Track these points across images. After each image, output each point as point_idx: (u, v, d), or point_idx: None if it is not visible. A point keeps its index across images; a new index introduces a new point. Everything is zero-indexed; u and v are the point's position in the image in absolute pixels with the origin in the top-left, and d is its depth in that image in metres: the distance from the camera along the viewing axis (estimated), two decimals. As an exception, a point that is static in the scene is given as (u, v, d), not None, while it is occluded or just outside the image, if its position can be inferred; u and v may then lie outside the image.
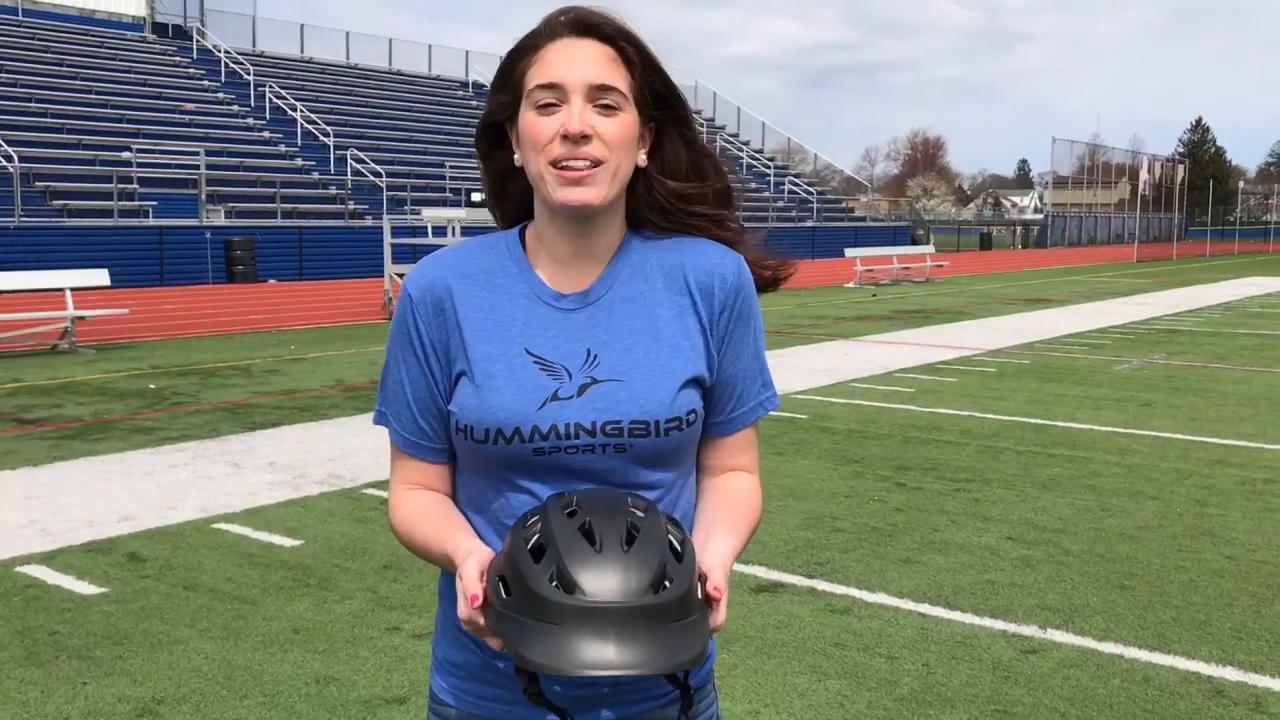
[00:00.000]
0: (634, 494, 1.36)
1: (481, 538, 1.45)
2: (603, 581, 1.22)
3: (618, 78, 1.42)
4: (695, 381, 1.47)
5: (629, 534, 1.26)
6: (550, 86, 1.40)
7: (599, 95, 1.40)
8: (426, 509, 1.49)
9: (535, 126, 1.41)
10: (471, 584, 1.29)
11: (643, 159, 1.48)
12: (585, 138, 1.38)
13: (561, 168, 1.40)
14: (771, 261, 1.60)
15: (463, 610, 1.30)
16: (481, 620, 1.29)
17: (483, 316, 1.48)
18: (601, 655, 1.20)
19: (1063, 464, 7.19)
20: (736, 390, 1.52)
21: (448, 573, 1.54)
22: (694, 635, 1.25)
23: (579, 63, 1.40)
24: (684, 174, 1.51)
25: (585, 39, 1.42)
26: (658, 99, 1.48)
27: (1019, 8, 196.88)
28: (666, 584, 1.24)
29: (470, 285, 1.49)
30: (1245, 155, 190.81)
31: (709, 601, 1.30)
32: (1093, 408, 9.34)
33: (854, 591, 4.75)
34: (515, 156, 1.47)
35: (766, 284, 1.59)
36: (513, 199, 1.56)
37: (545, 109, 1.40)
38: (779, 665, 3.98)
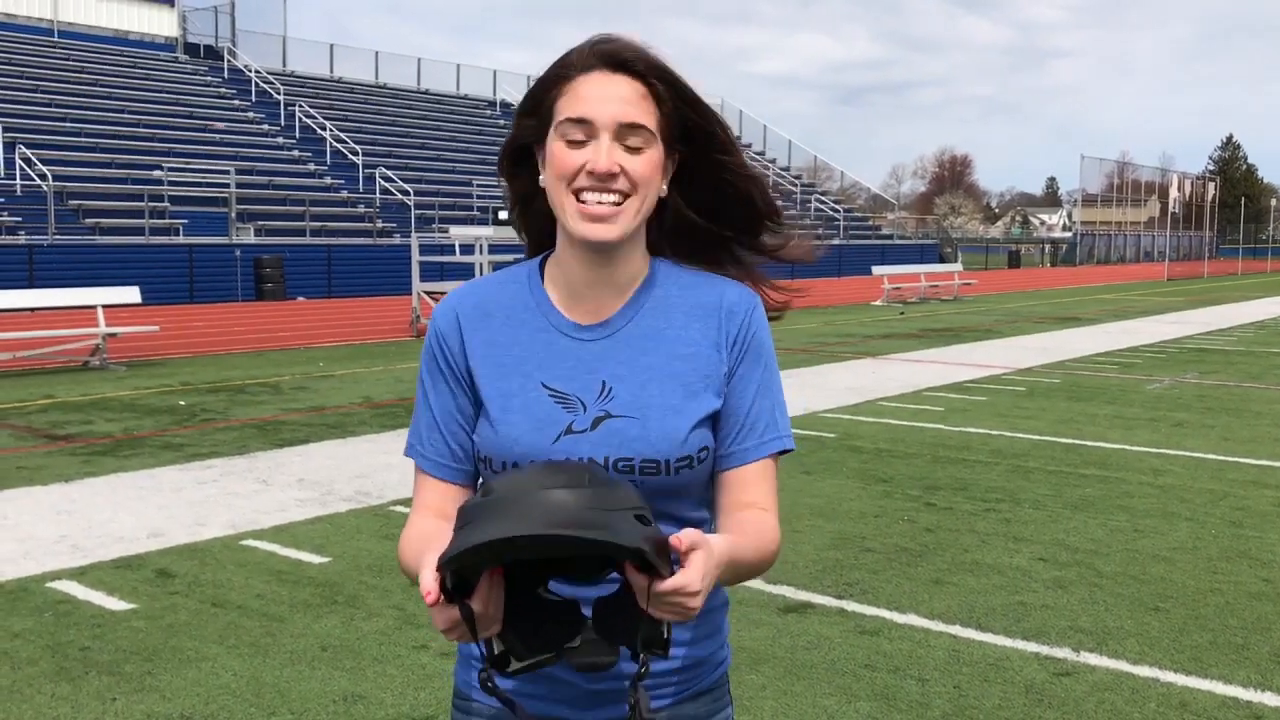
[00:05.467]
0: None
1: None
2: (521, 479, 1.23)
3: (647, 115, 1.43)
4: (707, 419, 1.49)
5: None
6: (580, 121, 1.41)
7: (627, 134, 1.42)
8: (423, 533, 1.47)
9: (563, 158, 1.42)
10: (426, 583, 1.21)
11: (664, 189, 1.50)
12: (611, 176, 1.41)
13: (584, 202, 1.42)
14: (778, 287, 1.62)
15: (435, 620, 1.22)
16: (453, 613, 1.21)
17: (500, 352, 1.51)
18: (523, 504, 1.17)
19: (1094, 484, 7.12)
20: (742, 422, 1.51)
21: None
22: (616, 521, 1.18)
23: (610, 100, 1.41)
24: (711, 203, 1.54)
25: (617, 74, 1.43)
26: (689, 131, 1.49)
27: (1051, 25, 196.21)
28: (588, 481, 1.23)
29: (490, 322, 1.53)
30: (1278, 173, 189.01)
31: (664, 546, 1.21)
32: (1124, 427, 9.25)
33: (884, 612, 4.71)
34: (541, 178, 1.50)
35: (771, 310, 1.61)
36: (537, 216, 1.58)
37: (573, 143, 1.42)
38: (809, 687, 3.95)
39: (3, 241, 23.25)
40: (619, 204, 1.42)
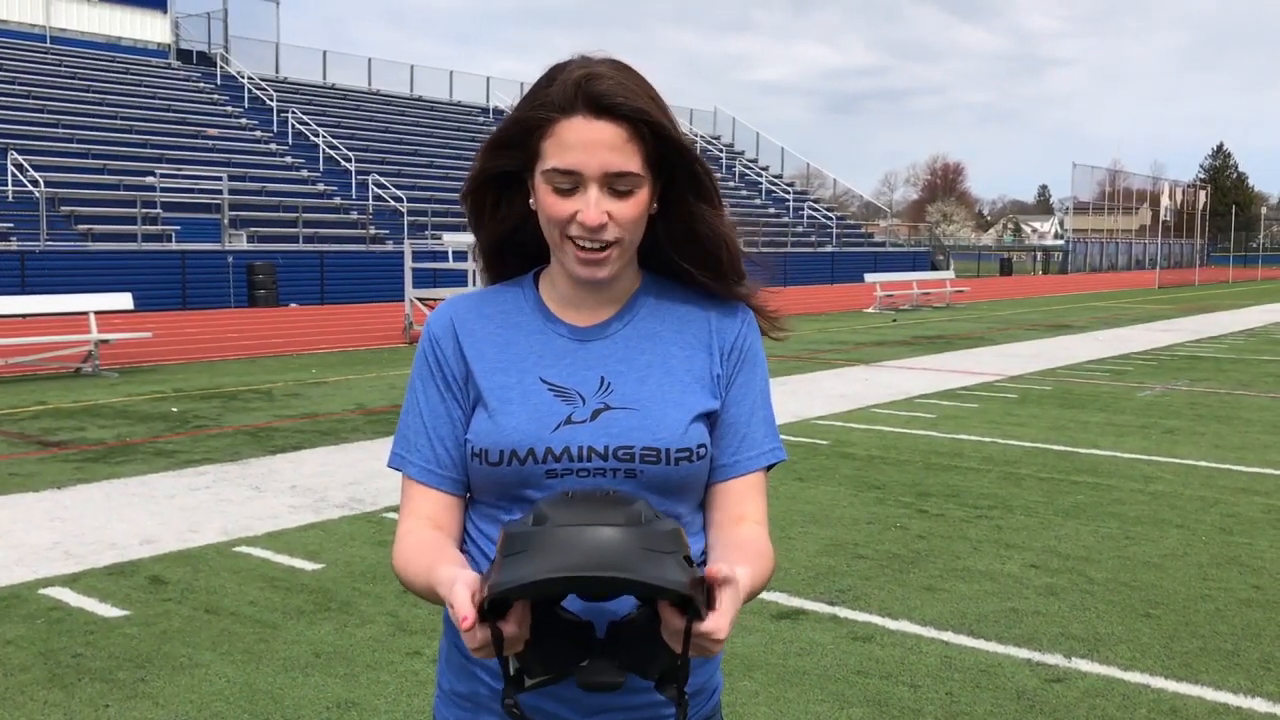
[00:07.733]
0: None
1: (479, 568, 1.45)
2: (575, 511, 1.22)
3: (633, 158, 1.43)
4: (705, 417, 1.51)
5: (614, 499, 1.26)
6: (567, 173, 1.42)
7: (615, 180, 1.43)
8: (421, 544, 1.47)
9: (553, 206, 1.44)
10: (463, 608, 1.21)
11: (654, 207, 1.51)
12: (601, 227, 1.43)
13: (577, 246, 1.45)
14: (766, 314, 1.63)
15: (467, 640, 1.22)
16: (487, 634, 1.21)
17: (498, 350, 1.53)
18: (572, 551, 1.16)
19: (1086, 491, 7.14)
20: (741, 433, 1.54)
21: None
22: (668, 564, 1.19)
23: (596, 149, 1.41)
24: (678, 240, 1.54)
25: (601, 120, 1.42)
26: (670, 166, 1.49)
27: (1046, 34, 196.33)
28: (642, 519, 1.23)
29: (487, 323, 1.56)
30: (1268, 181, 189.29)
31: (702, 585, 1.22)
32: (1116, 434, 9.28)
33: (876, 619, 4.72)
34: (531, 201, 1.50)
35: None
36: (514, 257, 1.60)
37: (562, 191, 1.43)
38: (801, 693, 3.96)
39: (-6, 247, 23.21)
40: (608, 248, 1.45)
